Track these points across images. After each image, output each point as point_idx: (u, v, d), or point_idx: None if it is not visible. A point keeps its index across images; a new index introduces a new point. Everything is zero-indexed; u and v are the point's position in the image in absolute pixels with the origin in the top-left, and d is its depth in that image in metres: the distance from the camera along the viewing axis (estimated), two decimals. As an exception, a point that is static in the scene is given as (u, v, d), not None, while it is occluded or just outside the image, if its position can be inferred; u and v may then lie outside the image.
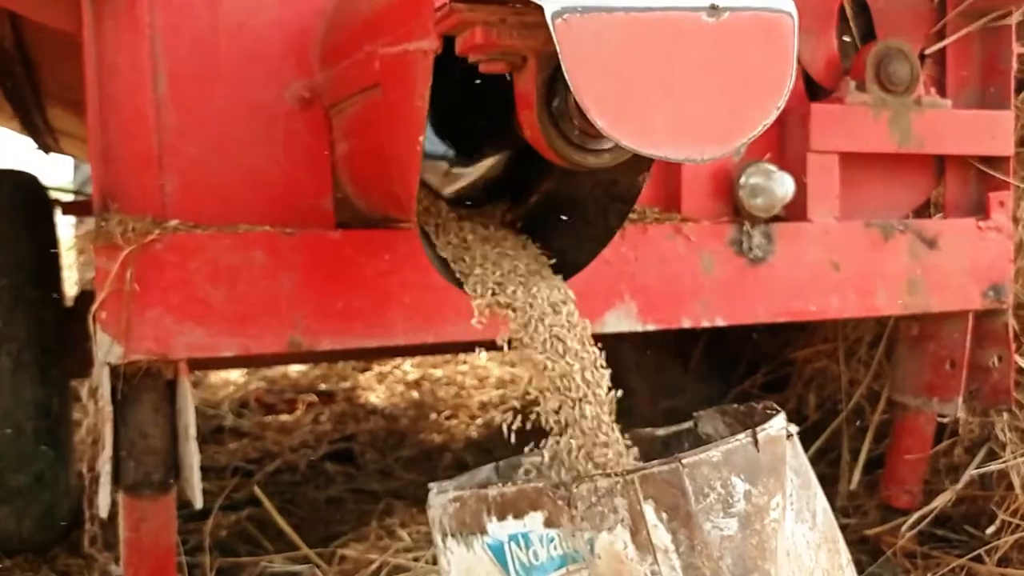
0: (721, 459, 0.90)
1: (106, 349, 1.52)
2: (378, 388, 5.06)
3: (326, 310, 1.64)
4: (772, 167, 1.90)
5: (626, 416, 1.20)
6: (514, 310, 1.27)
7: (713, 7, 0.95)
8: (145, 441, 1.64)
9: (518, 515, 1.00)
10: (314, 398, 4.77)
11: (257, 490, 2.29)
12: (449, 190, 1.50)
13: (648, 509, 0.87)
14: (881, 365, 2.62)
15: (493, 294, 1.31)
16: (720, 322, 1.91)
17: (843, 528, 2.48)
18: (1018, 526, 2.07)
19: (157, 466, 1.66)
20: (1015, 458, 2.13)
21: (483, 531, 1.04)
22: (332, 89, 1.63)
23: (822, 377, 2.87)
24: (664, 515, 0.87)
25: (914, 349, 2.27)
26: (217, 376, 5.16)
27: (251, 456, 3.83)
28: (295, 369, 5.35)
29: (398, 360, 5.39)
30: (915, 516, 2.20)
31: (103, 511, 1.55)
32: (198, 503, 1.62)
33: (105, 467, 1.55)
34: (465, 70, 1.09)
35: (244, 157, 1.67)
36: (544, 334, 1.20)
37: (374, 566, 1.88)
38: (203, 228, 1.60)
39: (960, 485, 2.18)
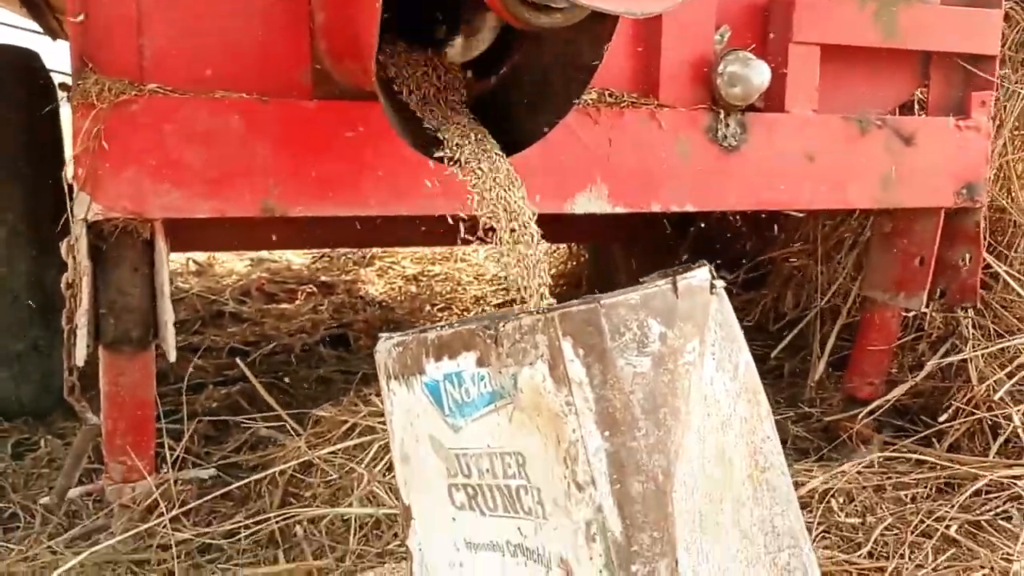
0: (639, 302, 0.95)
1: (83, 206, 1.57)
2: (378, 282, 5.14)
3: (300, 177, 1.68)
4: (751, 56, 1.90)
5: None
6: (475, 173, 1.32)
7: None
8: (124, 299, 1.71)
9: (452, 355, 1.06)
10: (314, 289, 4.85)
11: (240, 363, 2.36)
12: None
13: (566, 345, 0.93)
14: (858, 267, 2.66)
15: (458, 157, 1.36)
16: (690, 208, 1.94)
17: (807, 418, 2.58)
18: (971, 414, 2.13)
19: (136, 324, 1.73)
20: (976, 351, 2.18)
21: (422, 372, 1.10)
22: (309, -42, 1.64)
23: (800, 276, 2.92)
24: (580, 351, 0.93)
25: (885, 245, 2.30)
26: (222, 266, 5.24)
27: (249, 339, 3.93)
28: (297, 261, 5.43)
29: (398, 255, 5.46)
30: (873, 405, 2.27)
31: (80, 361, 1.62)
32: (171, 356, 1.69)
33: (82, 319, 1.62)
34: None
35: (224, 25, 1.69)
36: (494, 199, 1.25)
37: (345, 427, 1.97)
38: (180, 92, 1.63)
39: (920, 376, 2.25)
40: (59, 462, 2.43)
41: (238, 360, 2.42)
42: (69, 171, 1.62)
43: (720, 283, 1.04)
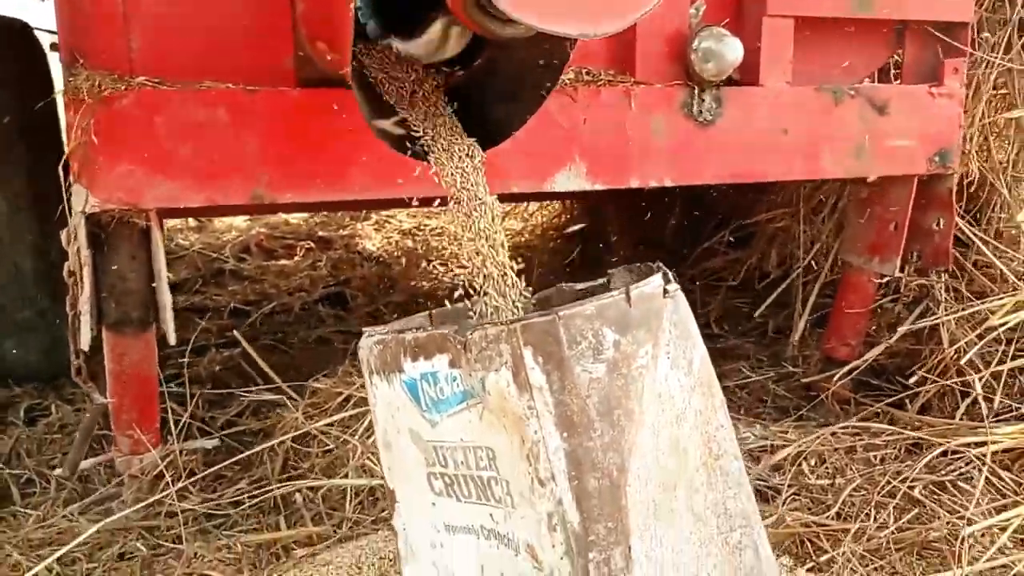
0: (594, 312, 1.02)
1: (81, 199, 1.64)
2: (375, 236, 5.21)
3: (287, 165, 1.74)
4: (724, 32, 1.94)
5: (608, 267, 1.34)
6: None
7: None
8: (124, 284, 1.79)
9: (428, 356, 1.14)
10: (312, 244, 4.93)
11: (237, 334, 2.45)
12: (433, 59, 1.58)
13: (527, 354, 1.01)
14: (839, 227, 2.72)
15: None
16: (667, 182, 2.01)
17: (788, 377, 2.67)
18: (941, 376, 2.22)
19: (136, 306, 1.81)
20: (947, 315, 2.26)
21: (400, 370, 1.18)
22: (289, -51, 1.68)
23: (784, 236, 2.99)
24: (540, 359, 1.00)
25: (861, 210, 2.37)
26: (221, 222, 5.31)
27: (249, 298, 4.02)
28: (296, 216, 5.49)
29: (394, 210, 5.52)
30: (849, 366, 2.36)
31: (84, 345, 1.71)
32: (171, 339, 1.78)
33: (85, 306, 1.70)
34: None
35: (208, 15, 1.73)
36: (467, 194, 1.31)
37: (340, 399, 2.07)
38: (168, 84, 1.69)
39: (893, 340, 2.33)
40: (70, 427, 2.54)
41: (237, 334, 2.50)
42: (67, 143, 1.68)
43: (674, 286, 1.11)
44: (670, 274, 1.17)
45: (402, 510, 1.26)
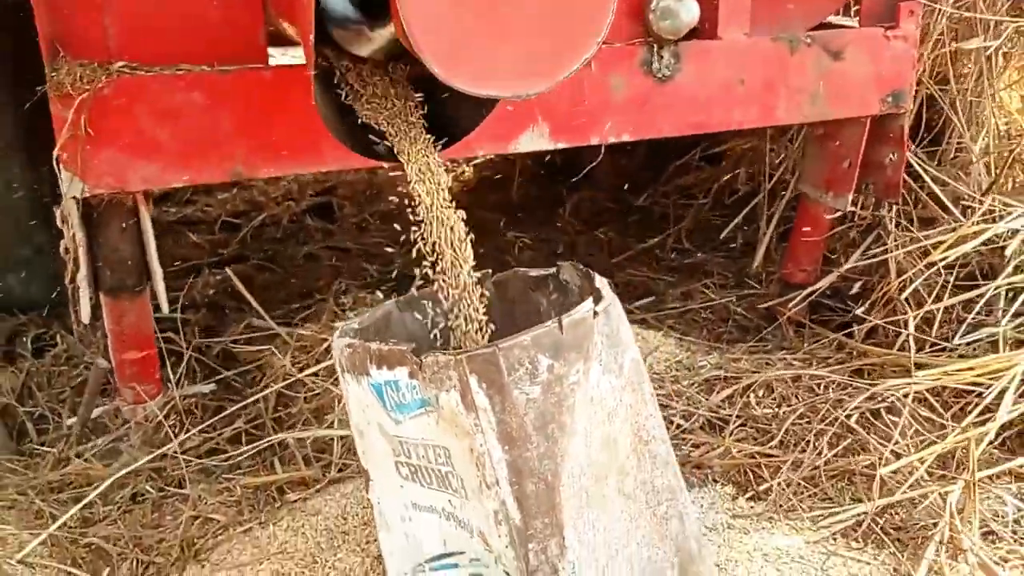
0: (530, 343, 1.17)
1: (70, 184, 1.75)
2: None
3: (263, 143, 1.84)
4: (682, -9, 2.00)
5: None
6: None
7: (539, -42, 1.09)
8: (117, 254, 1.93)
9: (391, 367, 1.29)
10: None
11: (230, 273, 2.59)
12: (365, 51, 1.65)
13: (472, 380, 1.16)
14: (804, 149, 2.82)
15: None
16: (626, 138, 2.11)
17: (749, 297, 2.83)
18: (886, 305, 2.38)
19: (130, 272, 1.95)
20: (896, 246, 2.40)
21: (367, 373, 1.34)
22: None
23: (753, 154, 3.08)
24: (484, 385, 1.16)
25: (818, 146, 2.47)
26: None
27: (239, 208, 4.14)
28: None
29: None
30: (804, 293, 2.51)
31: (85, 318, 1.86)
32: (165, 308, 1.93)
33: (83, 282, 1.84)
34: None
35: (180, -5, 1.80)
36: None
37: (325, 345, 2.23)
38: (145, 69, 1.77)
39: (843, 269, 2.47)
40: (76, 359, 2.71)
41: (229, 272, 2.65)
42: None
43: (605, 303, 1.25)
44: (604, 286, 1.31)
45: (375, 487, 1.44)
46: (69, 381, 2.60)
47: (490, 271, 1.57)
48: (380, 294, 2.53)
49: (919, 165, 2.45)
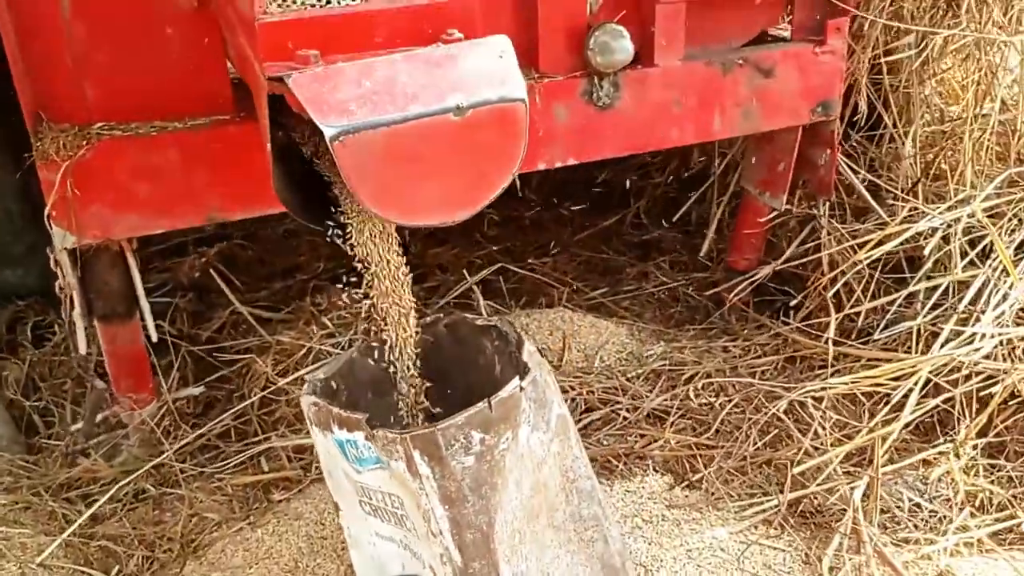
0: (464, 422, 1.38)
1: (61, 238, 1.94)
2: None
3: (235, 190, 2.03)
4: (618, 28, 2.15)
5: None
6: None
7: (458, 107, 1.27)
8: (108, 287, 2.13)
9: (350, 430, 1.51)
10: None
11: (213, 273, 2.79)
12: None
13: (415, 454, 1.38)
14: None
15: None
16: (572, 161, 2.29)
17: (698, 281, 3.04)
18: (819, 296, 2.60)
19: (120, 301, 2.16)
20: (829, 240, 2.60)
21: (330, 431, 1.56)
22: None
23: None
24: (426, 458, 1.38)
25: (755, 147, 2.65)
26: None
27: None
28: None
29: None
30: (743, 284, 2.73)
31: (82, 350, 2.08)
32: (153, 336, 2.15)
33: (78, 319, 2.05)
34: None
35: (150, 57, 1.95)
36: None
37: (303, 351, 2.46)
38: (123, 128, 1.94)
39: (779, 263, 2.68)
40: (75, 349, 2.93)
41: (213, 273, 2.84)
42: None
43: (529, 378, 1.47)
44: (531, 355, 1.52)
45: (345, 516, 1.68)
46: (70, 372, 2.82)
47: (441, 315, 1.79)
48: (348, 300, 2.68)
49: (848, 169, 2.64)
